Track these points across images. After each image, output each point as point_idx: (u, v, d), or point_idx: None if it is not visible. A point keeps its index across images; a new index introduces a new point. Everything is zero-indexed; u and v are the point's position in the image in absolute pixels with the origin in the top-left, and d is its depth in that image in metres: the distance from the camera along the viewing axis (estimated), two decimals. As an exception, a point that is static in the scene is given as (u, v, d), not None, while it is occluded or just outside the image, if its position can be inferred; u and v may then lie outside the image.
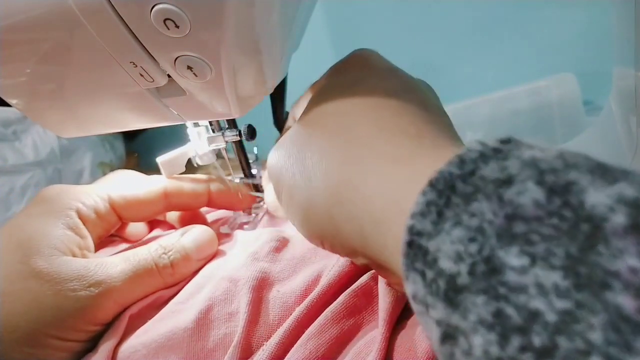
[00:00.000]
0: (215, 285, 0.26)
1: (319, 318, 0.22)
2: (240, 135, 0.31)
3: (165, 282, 0.26)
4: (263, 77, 0.25)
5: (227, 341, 0.23)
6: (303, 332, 0.22)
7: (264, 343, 0.22)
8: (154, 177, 0.31)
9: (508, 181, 0.11)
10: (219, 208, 0.34)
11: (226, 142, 0.32)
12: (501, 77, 0.61)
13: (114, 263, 0.25)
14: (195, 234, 0.28)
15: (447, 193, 0.12)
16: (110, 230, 0.29)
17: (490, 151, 0.13)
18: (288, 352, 0.22)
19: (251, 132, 0.32)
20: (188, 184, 0.31)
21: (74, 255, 0.25)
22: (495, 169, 0.12)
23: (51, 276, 0.23)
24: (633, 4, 0.29)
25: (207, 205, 0.32)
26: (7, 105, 0.25)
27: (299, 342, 0.22)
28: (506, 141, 0.13)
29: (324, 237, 0.20)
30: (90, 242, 0.27)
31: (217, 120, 0.31)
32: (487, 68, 0.62)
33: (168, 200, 0.30)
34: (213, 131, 0.32)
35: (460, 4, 0.59)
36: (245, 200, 0.33)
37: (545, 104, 0.51)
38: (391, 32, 0.65)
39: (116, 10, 0.18)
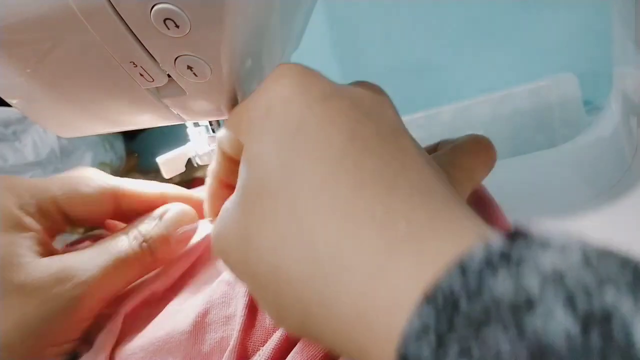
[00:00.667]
0: (214, 288, 0.26)
1: None
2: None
3: (146, 269, 0.26)
4: (263, 77, 0.25)
5: (223, 345, 0.23)
6: (300, 336, 0.22)
7: (260, 348, 0.22)
8: (107, 176, 0.28)
9: (527, 304, 0.09)
10: None
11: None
12: (501, 77, 0.61)
13: (92, 258, 0.24)
14: (174, 215, 0.27)
15: (448, 313, 0.10)
16: (60, 225, 0.26)
17: (498, 257, 0.10)
18: (284, 358, 0.21)
19: None
20: (143, 187, 0.29)
21: (41, 254, 0.23)
22: (508, 285, 0.10)
23: (31, 287, 0.22)
24: (633, 3, 0.29)
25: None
26: (7, 105, 0.25)
27: (295, 348, 0.21)
28: (513, 237, 0.11)
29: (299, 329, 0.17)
30: (43, 234, 0.25)
31: (217, 120, 0.31)
32: (487, 68, 0.62)
33: (117, 202, 0.28)
34: (213, 131, 0.32)
35: (461, 4, 0.59)
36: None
37: (545, 104, 0.52)
38: (391, 32, 0.65)
39: (116, 10, 0.18)
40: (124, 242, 0.25)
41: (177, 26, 0.18)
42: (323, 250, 0.13)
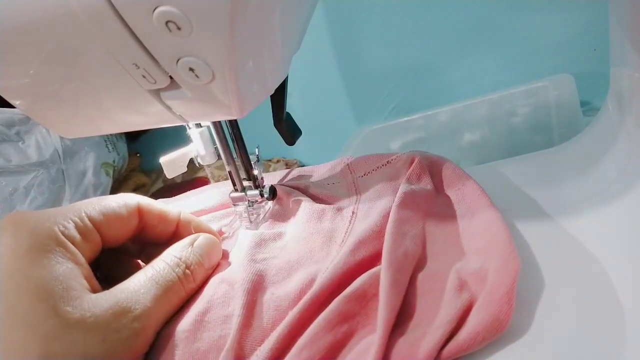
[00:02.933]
0: (215, 288, 0.26)
1: (311, 326, 0.22)
2: (261, 195, 0.33)
3: (187, 294, 0.26)
4: (264, 78, 0.25)
5: (221, 343, 0.23)
6: (296, 337, 0.22)
7: (258, 347, 0.23)
8: (124, 194, 0.29)
9: None
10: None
11: (248, 200, 0.34)
12: (499, 78, 0.61)
13: (144, 288, 0.24)
14: (204, 242, 0.28)
15: None
16: (96, 252, 0.26)
17: None
18: (282, 357, 0.22)
19: (273, 193, 0.34)
20: (158, 204, 0.29)
21: (90, 289, 0.23)
22: None
23: (92, 323, 0.21)
24: (630, 5, 0.29)
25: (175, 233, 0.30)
26: (11, 106, 0.26)
27: (292, 351, 0.22)
28: None
29: None
30: (87, 267, 0.24)
31: (220, 122, 0.31)
32: (485, 69, 0.62)
33: (142, 216, 0.28)
34: (236, 190, 0.34)
35: (459, 5, 0.59)
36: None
37: (542, 105, 0.52)
38: (391, 32, 0.65)
39: (119, 13, 0.18)
40: (168, 271, 0.25)
41: (179, 28, 0.18)
42: None
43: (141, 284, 0.24)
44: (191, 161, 0.33)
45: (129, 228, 0.27)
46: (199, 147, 0.32)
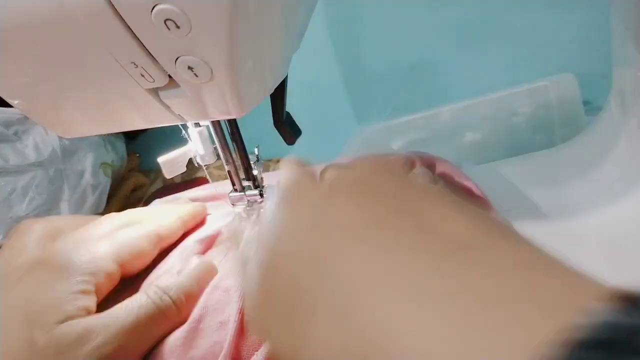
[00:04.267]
0: (209, 295, 0.26)
1: None
2: (261, 194, 0.33)
3: (173, 323, 0.25)
4: (263, 78, 0.25)
5: (217, 350, 0.23)
6: None
7: (255, 352, 0.22)
8: (144, 223, 0.30)
9: None
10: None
11: (247, 200, 0.34)
12: (501, 78, 0.61)
13: (115, 317, 0.23)
14: (193, 268, 0.27)
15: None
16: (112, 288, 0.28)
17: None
18: None
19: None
20: (172, 222, 0.31)
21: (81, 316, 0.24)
22: None
23: (54, 349, 0.21)
24: (631, 4, 0.29)
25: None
26: (9, 106, 0.26)
27: None
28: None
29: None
30: (94, 302, 0.25)
31: (219, 121, 0.31)
32: (487, 68, 0.62)
33: (160, 243, 0.30)
34: (236, 190, 0.34)
35: (459, 5, 0.59)
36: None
37: (544, 104, 0.52)
38: (391, 32, 0.65)
39: (117, 11, 0.18)
40: (145, 299, 0.24)
41: (177, 27, 0.18)
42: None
43: (117, 312, 0.24)
44: (190, 161, 0.33)
45: (152, 257, 0.30)
46: (198, 146, 0.32)
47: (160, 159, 0.31)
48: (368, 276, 0.13)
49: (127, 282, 0.28)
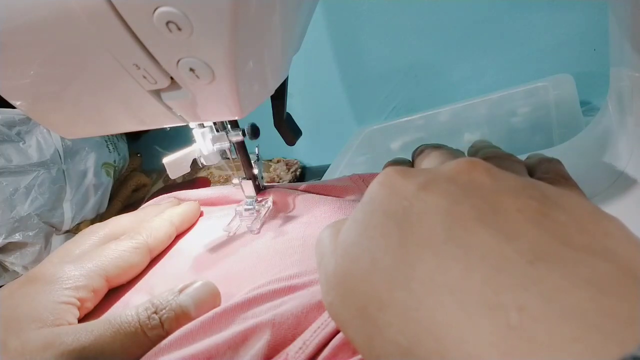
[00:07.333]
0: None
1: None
2: (243, 133, 0.32)
3: (154, 344, 0.22)
4: (264, 79, 0.25)
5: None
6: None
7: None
8: (134, 232, 0.31)
9: None
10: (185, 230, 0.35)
11: (230, 141, 0.33)
12: (499, 78, 0.61)
13: (91, 328, 0.22)
14: (195, 289, 0.25)
15: None
16: (98, 302, 0.27)
17: None
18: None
19: (254, 131, 0.32)
20: (162, 229, 0.32)
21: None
22: None
23: (19, 352, 0.21)
24: (629, 5, 0.29)
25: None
26: (11, 106, 0.26)
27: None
28: None
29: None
30: (76, 315, 0.25)
31: (221, 121, 0.31)
32: (485, 69, 0.62)
33: (151, 253, 0.31)
34: (217, 131, 0.33)
35: (459, 5, 0.59)
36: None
37: (542, 105, 0.52)
38: (391, 33, 0.65)
39: (119, 13, 0.18)
40: (131, 314, 0.23)
41: (179, 29, 0.18)
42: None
43: (97, 323, 0.23)
44: (194, 161, 0.33)
45: (142, 268, 0.30)
46: (202, 147, 0.32)
47: (165, 160, 0.31)
48: (440, 280, 0.13)
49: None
